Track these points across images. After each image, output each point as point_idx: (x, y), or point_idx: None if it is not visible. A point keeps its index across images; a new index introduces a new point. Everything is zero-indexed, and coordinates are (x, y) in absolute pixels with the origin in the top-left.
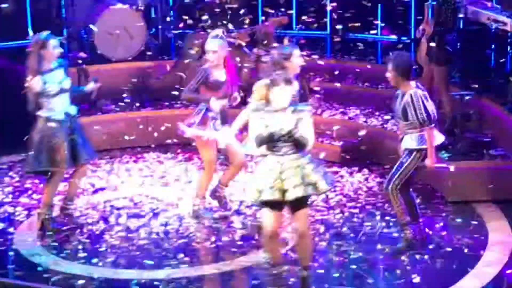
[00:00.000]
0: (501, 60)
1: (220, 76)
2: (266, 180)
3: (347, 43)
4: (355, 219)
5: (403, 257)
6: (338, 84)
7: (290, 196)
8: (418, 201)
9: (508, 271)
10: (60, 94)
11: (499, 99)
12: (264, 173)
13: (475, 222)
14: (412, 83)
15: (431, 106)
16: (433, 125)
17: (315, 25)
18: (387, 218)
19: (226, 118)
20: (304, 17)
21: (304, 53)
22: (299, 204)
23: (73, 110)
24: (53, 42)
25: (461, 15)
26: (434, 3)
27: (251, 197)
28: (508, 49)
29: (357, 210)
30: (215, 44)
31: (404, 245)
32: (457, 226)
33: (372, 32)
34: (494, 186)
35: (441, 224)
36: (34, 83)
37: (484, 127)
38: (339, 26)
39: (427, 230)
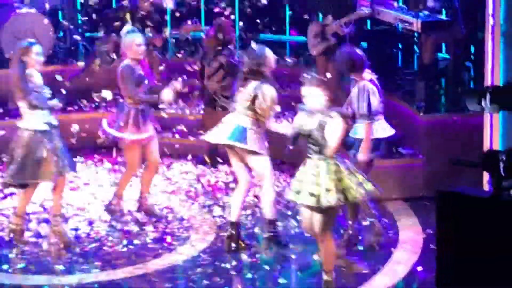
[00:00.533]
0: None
1: (141, 71)
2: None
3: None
4: None
5: (315, 256)
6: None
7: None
8: None
9: (419, 268)
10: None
11: (408, 97)
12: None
13: (386, 220)
14: (366, 75)
15: (376, 101)
16: (371, 120)
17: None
18: (299, 218)
19: (148, 116)
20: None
21: None
22: (310, 209)
23: (54, 120)
24: (36, 48)
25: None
26: None
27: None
28: (415, 48)
29: None
30: (138, 37)
31: (375, 238)
32: (368, 224)
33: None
34: (404, 184)
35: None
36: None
37: (394, 126)
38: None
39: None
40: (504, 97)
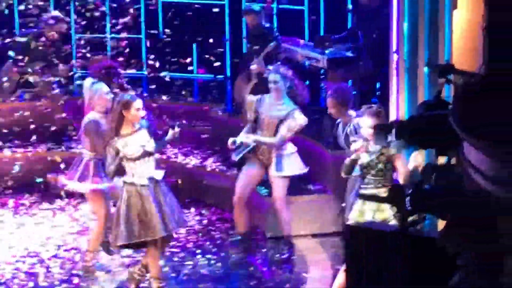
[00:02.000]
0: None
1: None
2: None
3: (164, 82)
4: (175, 258)
5: None
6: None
7: None
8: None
9: None
10: (144, 158)
11: (315, 134)
12: None
13: (295, 257)
14: (352, 113)
15: None
16: None
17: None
18: (208, 256)
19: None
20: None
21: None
22: None
23: (158, 174)
24: (138, 103)
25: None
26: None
27: None
28: (322, 84)
29: (177, 249)
30: (105, 87)
31: None
32: (277, 261)
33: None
34: (313, 220)
35: (262, 260)
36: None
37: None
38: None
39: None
40: (408, 131)
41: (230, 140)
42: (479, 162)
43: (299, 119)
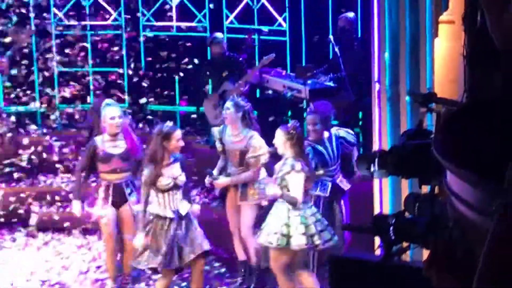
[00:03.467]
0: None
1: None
2: None
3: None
4: None
5: None
6: None
7: None
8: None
9: None
10: (173, 191)
11: None
12: None
13: None
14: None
15: None
16: None
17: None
18: None
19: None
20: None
21: None
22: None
23: (183, 208)
24: (178, 134)
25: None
26: None
27: None
28: (304, 115)
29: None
30: (113, 110)
31: None
32: None
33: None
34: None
35: None
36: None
37: None
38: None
39: None
40: (391, 161)
41: (207, 180)
42: (462, 192)
43: (259, 144)
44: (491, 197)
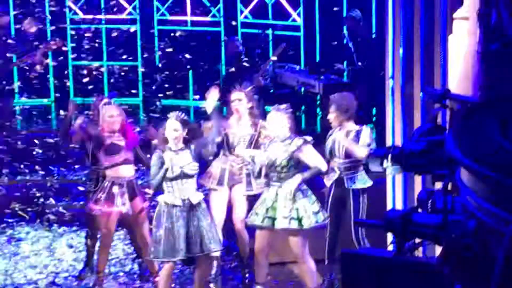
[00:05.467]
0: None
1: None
2: None
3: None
4: None
5: None
6: None
7: None
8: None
9: None
10: (181, 179)
11: None
12: None
13: (293, 283)
14: (352, 125)
15: None
16: None
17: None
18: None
19: (135, 191)
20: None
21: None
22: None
23: (195, 198)
24: (169, 123)
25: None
26: None
27: None
28: (318, 110)
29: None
30: (111, 108)
31: None
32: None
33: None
34: (312, 246)
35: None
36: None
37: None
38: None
39: None
40: (404, 157)
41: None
42: (476, 188)
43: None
44: (506, 193)
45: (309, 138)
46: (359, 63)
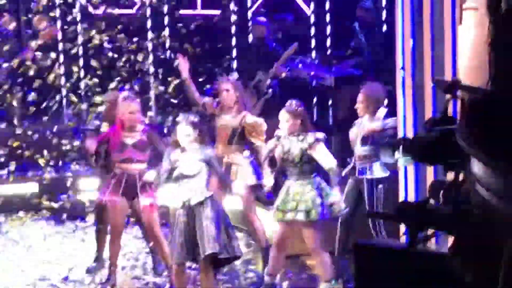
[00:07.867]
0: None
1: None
2: None
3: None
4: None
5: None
6: None
7: None
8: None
9: None
10: (182, 180)
11: None
12: None
13: (307, 274)
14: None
15: None
16: None
17: None
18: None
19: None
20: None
21: None
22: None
23: (195, 199)
24: (179, 129)
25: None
26: None
27: None
28: (329, 102)
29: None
30: (137, 104)
31: None
32: (289, 279)
33: None
34: (326, 238)
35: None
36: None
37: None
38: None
39: None
40: (415, 148)
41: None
42: (488, 179)
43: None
44: None
45: (321, 135)
46: (370, 54)
